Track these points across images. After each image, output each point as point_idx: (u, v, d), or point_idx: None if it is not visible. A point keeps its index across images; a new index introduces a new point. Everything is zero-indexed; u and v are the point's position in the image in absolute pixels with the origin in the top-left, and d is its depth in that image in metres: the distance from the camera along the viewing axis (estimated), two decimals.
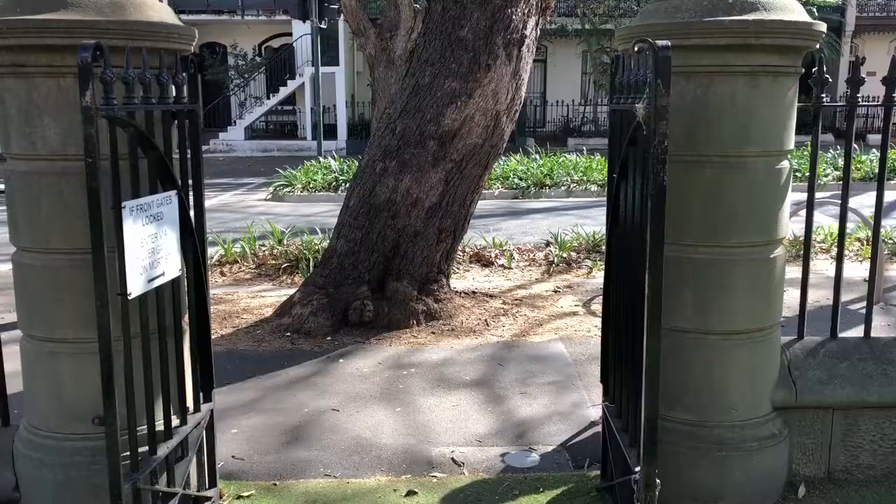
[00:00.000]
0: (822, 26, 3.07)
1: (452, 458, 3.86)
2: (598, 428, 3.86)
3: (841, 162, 13.92)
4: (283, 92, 23.88)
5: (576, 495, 3.50)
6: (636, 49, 2.61)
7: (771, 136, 3.11)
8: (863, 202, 9.98)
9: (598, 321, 5.70)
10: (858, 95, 3.41)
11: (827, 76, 3.35)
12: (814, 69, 3.37)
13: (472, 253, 8.31)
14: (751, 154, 3.09)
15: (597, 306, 6.43)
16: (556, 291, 7.13)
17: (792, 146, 3.23)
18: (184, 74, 3.00)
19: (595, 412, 4.34)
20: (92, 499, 2.98)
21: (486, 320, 6.14)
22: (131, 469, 2.74)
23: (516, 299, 6.80)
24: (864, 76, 3.37)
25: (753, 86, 3.02)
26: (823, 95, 3.40)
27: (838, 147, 15.65)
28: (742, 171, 3.09)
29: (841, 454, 3.53)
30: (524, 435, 4.10)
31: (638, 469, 2.68)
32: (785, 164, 3.19)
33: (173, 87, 2.93)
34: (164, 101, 2.86)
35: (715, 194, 3.09)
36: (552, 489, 3.55)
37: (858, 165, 14.18)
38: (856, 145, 13.97)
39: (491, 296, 6.84)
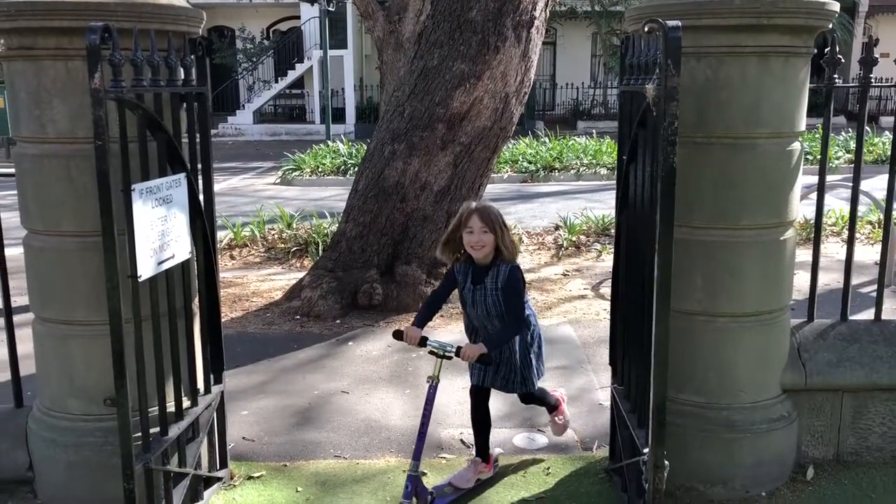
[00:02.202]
0: (835, 6, 3.03)
1: (461, 440, 3.88)
2: (607, 410, 3.87)
3: (853, 144, 13.81)
4: (292, 75, 23.83)
5: (584, 477, 3.52)
6: (647, 29, 2.58)
7: (782, 117, 3.09)
8: (874, 185, 9.91)
9: (606, 304, 5.69)
10: (871, 76, 3.37)
11: (839, 56, 3.31)
12: (826, 50, 3.33)
13: None
14: (762, 136, 3.07)
15: (606, 289, 6.42)
16: (564, 275, 7.12)
17: (803, 128, 3.21)
18: (192, 57, 3.00)
19: (603, 395, 4.34)
20: (104, 478, 3.01)
21: None
22: (143, 449, 2.77)
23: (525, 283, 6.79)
24: (877, 57, 3.33)
25: (765, 67, 3.00)
26: (836, 76, 3.37)
27: (850, 130, 15.52)
28: (752, 152, 3.07)
29: (850, 436, 3.52)
30: (533, 417, 4.11)
31: (646, 450, 2.69)
32: (796, 145, 3.17)
33: (182, 70, 2.93)
34: (173, 84, 2.85)
35: (725, 176, 3.07)
36: (561, 471, 3.57)
37: (871, 148, 14.06)
38: (868, 128, 13.86)
39: None
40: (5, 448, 3.31)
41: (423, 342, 3.18)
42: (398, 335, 3.25)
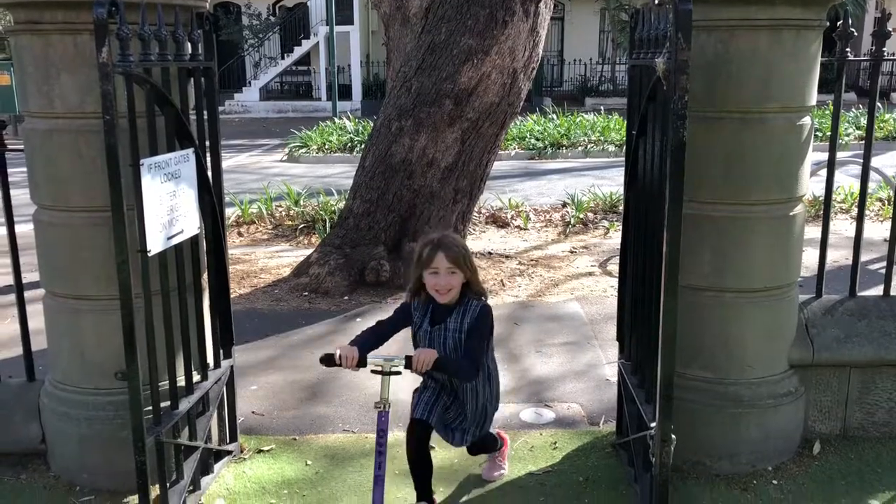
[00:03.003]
0: None
1: None
2: (614, 386, 3.88)
3: (863, 121, 13.69)
4: (298, 52, 23.72)
5: (591, 451, 3.54)
6: (657, 2, 2.56)
7: (792, 91, 3.06)
8: (885, 162, 9.84)
9: (613, 281, 5.69)
10: (883, 50, 3.33)
11: (852, 30, 3.28)
12: (839, 23, 3.30)
13: (488, 214, 8.30)
14: (772, 110, 3.04)
15: (613, 266, 6.42)
16: (572, 252, 7.12)
17: (814, 102, 3.18)
18: (199, 31, 2.99)
19: (610, 370, 4.36)
20: (116, 451, 3.04)
21: (501, 281, 6.15)
22: (154, 423, 2.80)
23: (532, 260, 6.80)
24: (890, 30, 3.29)
25: (776, 40, 2.96)
26: (848, 50, 3.33)
27: (860, 106, 15.37)
28: (762, 127, 3.05)
29: (857, 412, 3.53)
30: (540, 393, 4.13)
31: (653, 425, 2.70)
32: (806, 120, 3.14)
33: (189, 44, 2.91)
34: (180, 58, 2.84)
35: (735, 151, 3.05)
36: (567, 445, 3.59)
37: (881, 124, 13.95)
38: (879, 104, 13.73)
39: (507, 256, 6.84)
40: (18, 421, 3.35)
41: (362, 362, 2.65)
42: (327, 361, 2.64)
